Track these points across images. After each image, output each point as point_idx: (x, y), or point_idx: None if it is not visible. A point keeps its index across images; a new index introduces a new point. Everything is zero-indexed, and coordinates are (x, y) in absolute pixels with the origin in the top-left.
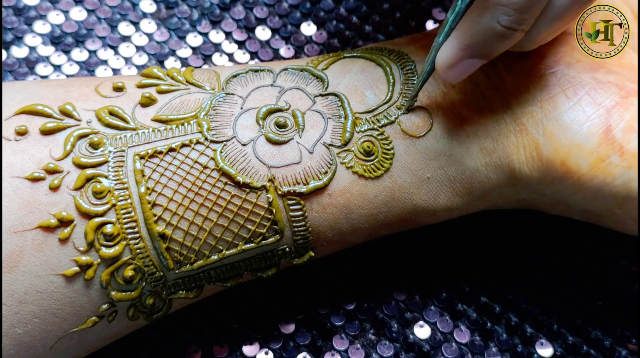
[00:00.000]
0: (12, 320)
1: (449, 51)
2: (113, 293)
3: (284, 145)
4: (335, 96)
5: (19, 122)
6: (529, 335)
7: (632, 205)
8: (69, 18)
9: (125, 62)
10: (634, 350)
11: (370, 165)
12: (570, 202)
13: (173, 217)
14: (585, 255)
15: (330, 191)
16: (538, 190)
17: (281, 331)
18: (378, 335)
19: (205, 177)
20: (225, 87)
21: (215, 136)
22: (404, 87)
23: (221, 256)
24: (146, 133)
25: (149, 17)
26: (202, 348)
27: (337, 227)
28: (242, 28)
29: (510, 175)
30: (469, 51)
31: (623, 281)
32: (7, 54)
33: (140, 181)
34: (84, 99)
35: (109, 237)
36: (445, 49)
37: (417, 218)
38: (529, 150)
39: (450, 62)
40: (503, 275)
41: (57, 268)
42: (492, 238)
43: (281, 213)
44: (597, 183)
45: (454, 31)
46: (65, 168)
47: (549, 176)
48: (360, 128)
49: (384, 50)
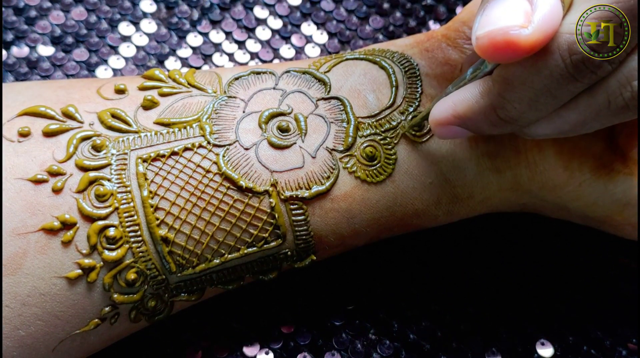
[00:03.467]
0: (15, 322)
1: (443, 112)
2: (115, 295)
3: (286, 149)
4: (338, 99)
5: (22, 124)
6: (529, 335)
7: (631, 212)
8: (69, 18)
9: (125, 62)
10: (634, 350)
11: (372, 170)
12: (571, 208)
13: (175, 221)
14: (585, 254)
15: (332, 195)
16: (539, 196)
17: (281, 331)
18: (378, 335)
19: (207, 181)
20: (227, 90)
21: (218, 140)
22: (407, 91)
23: (223, 260)
24: (149, 136)
25: (149, 17)
26: (202, 348)
27: (338, 231)
28: (242, 28)
29: (512, 180)
30: (460, 122)
31: (623, 281)
32: (7, 54)
33: (142, 184)
34: (86, 101)
35: (112, 240)
36: (440, 107)
37: (418, 222)
38: (530, 155)
39: (441, 122)
40: (503, 274)
41: (60, 270)
42: (493, 238)
43: (283, 218)
44: (599, 189)
45: (456, 93)
46: (68, 170)
47: (551, 181)
48: (363, 133)
49: (386, 52)
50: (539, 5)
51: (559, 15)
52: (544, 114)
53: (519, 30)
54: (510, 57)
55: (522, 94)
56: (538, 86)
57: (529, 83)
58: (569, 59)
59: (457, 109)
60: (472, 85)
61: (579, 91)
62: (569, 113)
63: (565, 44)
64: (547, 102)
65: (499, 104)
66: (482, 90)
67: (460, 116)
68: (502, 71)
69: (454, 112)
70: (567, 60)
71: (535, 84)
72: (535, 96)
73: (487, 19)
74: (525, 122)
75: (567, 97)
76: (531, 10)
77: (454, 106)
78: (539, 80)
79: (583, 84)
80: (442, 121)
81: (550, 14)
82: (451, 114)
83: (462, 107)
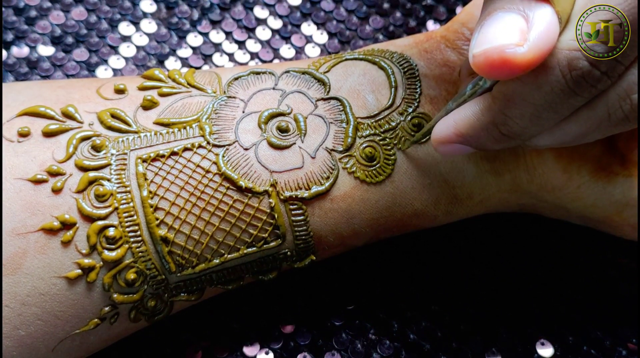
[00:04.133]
0: (14, 322)
1: (445, 130)
2: (115, 295)
3: (286, 150)
4: (337, 100)
5: (22, 124)
6: (529, 335)
7: (630, 213)
8: (69, 18)
9: (125, 62)
10: (634, 350)
11: (372, 170)
12: (570, 209)
13: (175, 221)
14: (585, 254)
15: (332, 196)
16: (538, 196)
17: (281, 331)
18: (378, 335)
19: (207, 181)
20: (226, 90)
21: (218, 140)
22: (406, 92)
23: (223, 260)
24: (148, 136)
25: (149, 17)
26: (202, 348)
27: (338, 231)
28: (242, 28)
29: (511, 181)
30: (462, 140)
31: (623, 281)
32: (7, 54)
33: (142, 184)
34: (86, 101)
35: (112, 240)
36: (442, 125)
37: (417, 222)
38: (529, 158)
39: (443, 140)
40: (503, 275)
41: (59, 270)
42: (492, 238)
43: (283, 218)
44: (597, 191)
45: (457, 111)
46: (68, 171)
47: (550, 183)
48: (362, 133)
49: (386, 52)
50: (535, 23)
51: (555, 33)
52: (546, 128)
53: (515, 49)
54: (506, 75)
55: (523, 110)
56: (539, 102)
57: (530, 99)
58: (569, 75)
59: (459, 127)
60: (473, 102)
61: (579, 104)
62: (570, 126)
63: (565, 60)
64: (549, 117)
65: (500, 120)
66: (483, 107)
67: (462, 134)
68: (503, 88)
69: (455, 130)
70: (567, 76)
71: (537, 100)
72: (537, 111)
73: (484, 37)
74: (527, 137)
75: (568, 112)
76: (527, 29)
77: (455, 124)
78: (539, 96)
79: (583, 98)
80: (444, 139)
81: (547, 31)
82: (453, 133)
83: (463, 125)
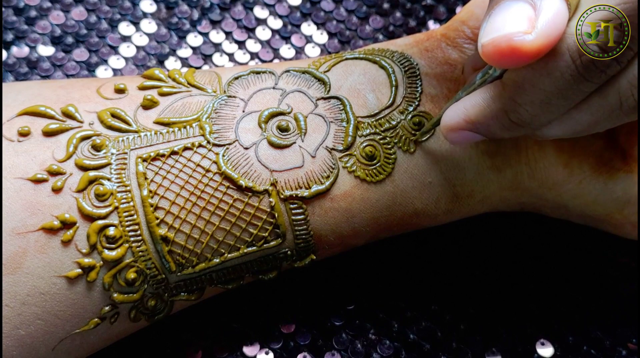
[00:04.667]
0: (14, 322)
1: (454, 117)
2: (115, 295)
3: (286, 149)
4: (338, 99)
5: (22, 123)
6: (529, 335)
7: (631, 210)
8: (69, 18)
9: (125, 62)
10: (634, 350)
11: (372, 169)
12: (571, 206)
13: (175, 220)
14: (585, 254)
15: (332, 195)
16: (539, 194)
17: (281, 331)
18: (378, 335)
19: (207, 180)
20: (227, 90)
21: (218, 139)
22: (407, 91)
23: (223, 260)
24: (148, 136)
25: (149, 17)
26: (202, 348)
27: (338, 231)
28: (242, 28)
29: (512, 178)
30: (472, 127)
31: (623, 281)
32: (7, 54)
33: (142, 184)
34: (86, 100)
35: (112, 240)
36: (452, 112)
37: (418, 221)
38: (531, 153)
39: (453, 127)
40: (503, 274)
41: (59, 270)
42: (493, 238)
43: (283, 217)
44: (598, 187)
45: (467, 98)
46: (68, 170)
47: (551, 178)
48: (363, 132)
49: (386, 51)
50: (543, 10)
51: (563, 20)
52: (556, 116)
53: (523, 37)
54: (515, 63)
55: (533, 97)
56: (549, 88)
57: (540, 85)
58: (579, 60)
59: (469, 113)
60: (483, 89)
61: (590, 90)
62: (581, 114)
63: (574, 45)
64: (559, 104)
65: (510, 107)
66: (494, 94)
67: (472, 120)
68: (513, 75)
69: (465, 117)
70: (577, 61)
71: (547, 86)
72: (547, 98)
73: (492, 26)
74: (537, 125)
75: (579, 98)
76: (535, 16)
77: (466, 110)
78: (550, 82)
79: (593, 83)
80: (453, 126)
81: (554, 18)
82: (463, 119)
83: (473, 112)
